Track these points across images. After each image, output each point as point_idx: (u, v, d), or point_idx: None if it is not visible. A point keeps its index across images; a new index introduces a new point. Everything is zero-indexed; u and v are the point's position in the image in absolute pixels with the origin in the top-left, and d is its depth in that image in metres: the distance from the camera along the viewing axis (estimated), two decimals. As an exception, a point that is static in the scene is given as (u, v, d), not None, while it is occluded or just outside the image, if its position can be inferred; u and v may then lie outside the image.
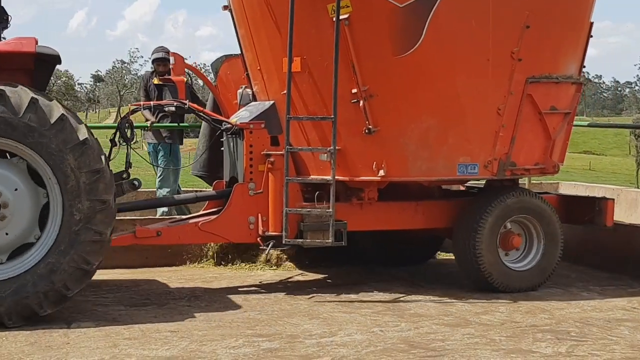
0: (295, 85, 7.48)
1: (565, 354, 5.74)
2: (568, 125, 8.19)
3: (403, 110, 7.35)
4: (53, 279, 6.41)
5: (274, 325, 6.59)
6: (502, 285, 7.64)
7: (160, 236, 7.59)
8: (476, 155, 7.52)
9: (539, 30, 7.47)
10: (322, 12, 7.22)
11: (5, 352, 5.73)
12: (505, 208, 7.67)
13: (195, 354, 5.72)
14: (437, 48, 7.27)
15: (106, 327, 6.46)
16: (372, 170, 7.43)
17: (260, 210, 7.58)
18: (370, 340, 6.09)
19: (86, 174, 6.48)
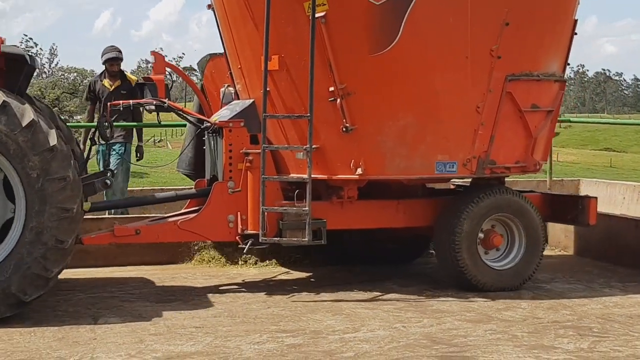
0: (273, 83, 7.50)
1: (587, 350, 5.73)
2: (551, 123, 8.12)
3: (380, 108, 7.33)
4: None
5: (297, 321, 6.62)
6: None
7: (139, 234, 7.60)
8: (455, 153, 7.47)
9: (519, 27, 7.42)
10: (298, 10, 7.21)
11: (33, 347, 5.81)
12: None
13: (220, 349, 5.76)
14: (414, 46, 7.24)
15: (132, 322, 6.53)
16: (350, 169, 7.41)
17: (239, 208, 7.58)
18: (393, 336, 6.11)
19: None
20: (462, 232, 7.53)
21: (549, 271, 8.59)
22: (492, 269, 7.69)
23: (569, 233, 9.68)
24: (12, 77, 6.86)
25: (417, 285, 7.91)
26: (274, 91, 7.53)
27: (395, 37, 7.16)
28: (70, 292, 7.64)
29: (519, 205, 7.76)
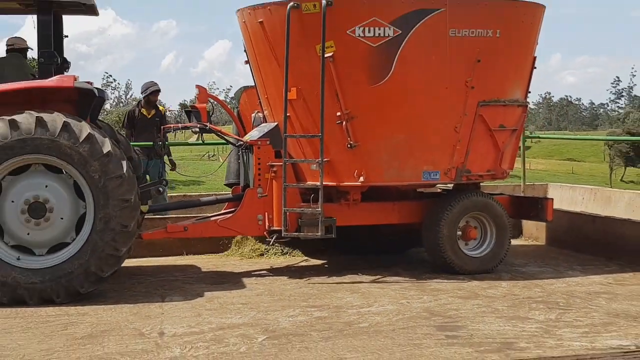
0: (292, 109, 7.51)
1: (555, 320, 5.75)
2: (516, 140, 8.09)
3: (378, 128, 7.33)
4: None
5: (322, 298, 6.62)
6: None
7: (187, 231, 7.63)
8: (438, 164, 7.47)
9: (488, 63, 7.42)
10: (312, 52, 7.23)
11: (114, 320, 5.90)
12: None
13: (262, 321, 5.81)
14: (404, 79, 7.26)
15: (192, 300, 6.58)
16: (354, 177, 7.42)
17: (267, 209, 7.58)
18: (399, 310, 6.12)
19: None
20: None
21: (523, 257, 8.58)
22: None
23: (540, 227, 9.63)
24: (83, 106, 6.89)
25: (418, 269, 7.89)
26: (293, 116, 7.54)
27: (389, 72, 7.18)
28: (143, 276, 7.69)
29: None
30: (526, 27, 7.76)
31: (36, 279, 6.39)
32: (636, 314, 5.90)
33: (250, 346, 5.13)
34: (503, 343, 5.12)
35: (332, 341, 5.22)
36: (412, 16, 7.13)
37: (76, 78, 6.80)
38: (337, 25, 7.11)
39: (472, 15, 7.34)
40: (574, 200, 10.54)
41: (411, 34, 7.13)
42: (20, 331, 5.59)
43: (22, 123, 6.39)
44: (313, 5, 7.12)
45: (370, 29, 7.11)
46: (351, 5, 7.17)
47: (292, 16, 7.17)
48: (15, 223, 6.50)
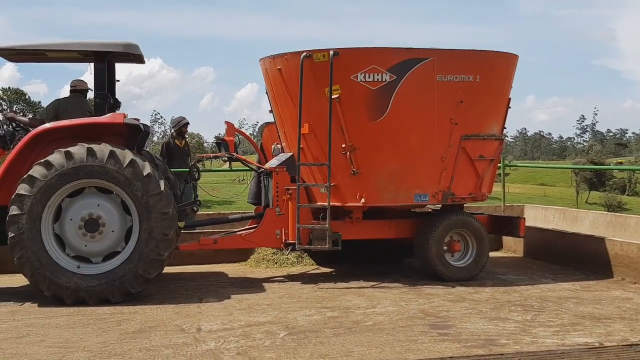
0: (305, 142, 7.44)
1: (531, 320, 5.71)
2: (493, 168, 7.96)
3: (376, 158, 7.25)
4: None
5: (334, 300, 6.58)
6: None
7: (217, 243, 7.57)
8: (427, 188, 7.37)
9: (469, 104, 7.32)
10: (321, 93, 7.18)
11: (159, 317, 5.91)
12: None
13: (283, 319, 5.80)
14: (398, 117, 7.17)
15: (224, 301, 6.56)
16: (356, 199, 7.33)
17: (283, 225, 7.50)
18: (399, 311, 6.09)
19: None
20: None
21: (503, 267, 8.46)
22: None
23: (518, 241, 9.50)
24: (131, 139, 6.94)
25: (415, 276, 7.79)
26: (306, 147, 7.48)
27: (386, 110, 7.12)
28: (184, 281, 7.65)
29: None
30: (502, 73, 7.68)
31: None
32: (600, 316, 5.84)
33: (273, 340, 5.13)
34: (487, 340, 5.10)
35: (342, 337, 5.21)
36: (405, 64, 7.07)
37: (126, 115, 6.83)
38: (342, 72, 7.07)
39: (456, 64, 7.26)
40: (546, 219, 10.44)
41: (404, 79, 7.08)
42: (81, 326, 5.63)
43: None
44: (322, 55, 7.09)
45: (370, 74, 7.06)
46: (354, 54, 7.12)
47: (305, 64, 7.13)
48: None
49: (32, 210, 6.35)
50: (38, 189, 6.36)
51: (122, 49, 6.95)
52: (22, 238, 6.34)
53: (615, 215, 9.60)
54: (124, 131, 6.88)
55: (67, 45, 6.93)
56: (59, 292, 6.36)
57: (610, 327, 5.43)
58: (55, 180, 6.39)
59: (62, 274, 6.38)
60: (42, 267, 6.36)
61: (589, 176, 72.05)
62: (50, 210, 6.48)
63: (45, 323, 5.74)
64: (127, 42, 6.99)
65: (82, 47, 6.94)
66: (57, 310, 6.15)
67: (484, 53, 7.50)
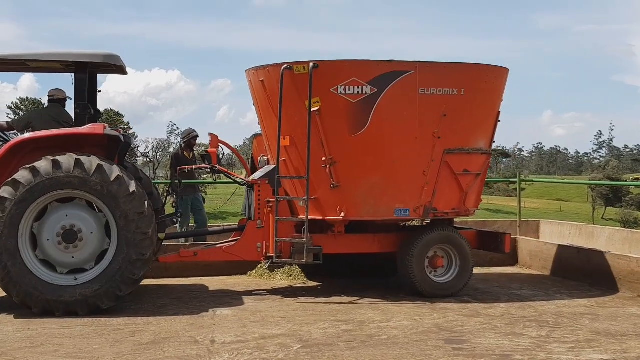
0: (287, 154, 7.35)
1: (546, 336, 5.66)
2: (480, 182, 7.75)
3: (356, 172, 7.12)
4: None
5: (348, 313, 6.52)
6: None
7: (197, 256, 7.46)
8: (408, 202, 7.21)
9: (453, 118, 7.17)
10: (302, 106, 7.08)
11: (173, 329, 5.88)
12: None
13: (297, 332, 5.77)
14: (379, 130, 7.05)
15: (238, 313, 6.54)
16: (337, 213, 7.20)
17: (265, 238, 7.39)
18: (413, 325, 6.05)
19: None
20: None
21: (518, 283, 8.39)
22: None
23: (533, 256, 9.44)
24: (112, 149, 6.89)
25: None
26: (288, 160, 7.37)
27: (366, 123, 7.00)
28: (197, 292, 7.65)
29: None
30: (490, 87, 7.49)
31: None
32: (615, 333, 5.78)
33: (287, 353, 5.09)
34: (501, 355, 5.05)
35: (356, 351, 5.17)
36: (386, 77, 6.95)
37: (106, 126, 6.78)
38: (323, 84, 6.96)
39: (440, 77, 7.11)
40: (562, 234, 10.36)
41: (386, 92, 6.95)
42: (95, 337, 5.62)
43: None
44: (302, 68, 6.99)
45: (350, 87, 6.95)
46: (334, 67, 7.01)
47: (285, 76, 7.04)
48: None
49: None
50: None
51: (102, 59, 6.91)
52: None
53: (632, 232, 9.52)
54: (103, 142, 6.83)
55: (48, 55, 6.91)
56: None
57: (625, 344, 5.38)
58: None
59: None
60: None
61: (605, 192, 71.25)
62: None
63: (59, 333, 5.74)
64: (108, 53, 6.96)
65: (62, 57, 6.91)
66: (71, 321, 6.16)
67: (470, 66, 7.34)
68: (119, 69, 7.26)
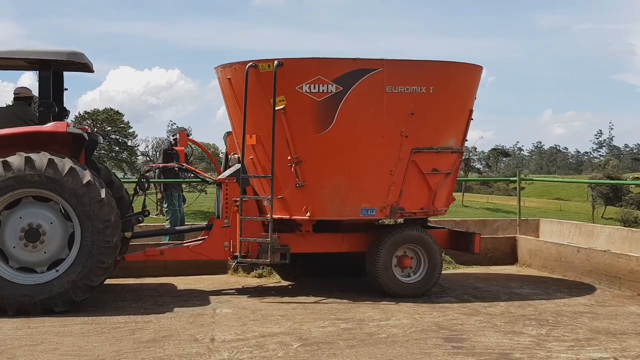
0: (255, 153, 7.27)
1: (545, 335, 5.68)
2: (450, 182, 7.65)
3: (321, 171, 7.03)
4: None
5: (348, 312, 6.52)
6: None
7: (163, 255, 7.37)
8: (374, 202, 7.11)
9: (422, 116, 7.06)
10: (267, 104, 6.97)
11: (173, 327, 5.89)
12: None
13: (297, 330, 5.78)
14: (345, 129, 6.95)
15: (238, 311, 6.53)
16: (302, 212, 7.12)
17: (232, 237, 7.29)
18: (413, 323, 6.06)
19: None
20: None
21: (518, 281, 8.40)
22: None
23: (533, 255, 9.47)
24: (77, 148, 6.85)
25: None
26: (255, 158, 7.28)
27: (332, 122, 6.90)
28: (198, 291, 7.61)
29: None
30: (461, 85, 7.35)
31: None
32: (615, 331, 5.80)
33: (286, 352, 5.11)
34: (501, 353, 5.07)
35: (355, 349, 5.18)
36: (352, 75, 6.84)
37: (69, 124, 6.71)
38: (288, 82, 6.86)
39: (407, 75, 7.00)
40: (562, 233, 10.36)
41: (351, 90, 6.84)
42: (95, 335, 5.61)
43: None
44: (267, 66, 6.89)
45: (315, 85, 6.85)
46: (299, 65, 6.90)
47: (250, 74, 6.94)
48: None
49: None
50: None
51: (66, 57, 6.85)
52: None
53: (631, 231, 9.51)
54: (68, 140, 6.77)
55: (11, 53, 6.84)
56: None
57: (625, 343, 5.40)
58: None
59: None
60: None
61: (605, 191, 71.27)
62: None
63: (59, 331, 5.73)
64: (72, 51, 6.89)
65: (26, 55, 6.85)
66: (71, 319, 6.15)
67: (439, 64, 7.21)
68: (85, 66, 7.18)
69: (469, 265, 9.47)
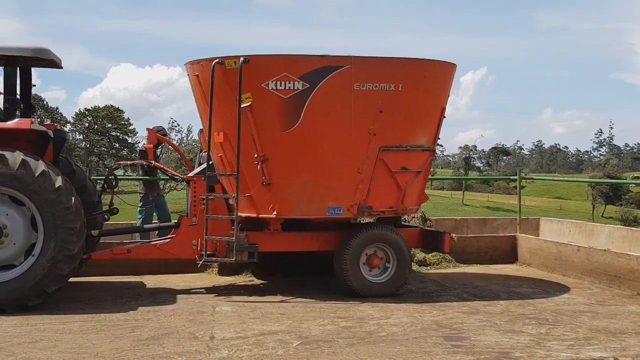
0: (223, 150, 7.20)
1: (545, 334, 5.67)
2: (421, 180, 7.57)
3: (288, 169, 6.96)
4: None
5: (348, 310, 6.51)
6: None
7: (130, 252, 7.31)
8: (341, 201, 7.04)
9: (390, 114, 6.98)
10: (234, 102, 6.88)
11: (173, 325, 5.90)
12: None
13: (296, 329, 5.78)
14: (311, 126, 6.88)
15: (238, 310, 6.53)
16: (269, 211, 7.05)
17: (199, 236, 7.20)
18: (412, 322, 6.05)
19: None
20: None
21: (518, 280, 8.40)
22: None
23: (533, 254, 9.47)
24: (41, 146, 6.81)
25: (429, 288, 7.73)
26: (223, 156, 7.22)
27: (298, 120, 6.83)
28: (197, 289, 7.61)
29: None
30: (432, 82, 7.25)
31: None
32: (615, 330, 5.79)
33: (286, 350, 5.10)
34: (500, 352, 5.05)
35: (355, 347, 5.17)
36: (319, 72, 6.76)
37: (33, 121, 6.66)
38: (254, 79, 6.79)
39: (376, 72, 6.91)
40: (562, 232, 10.37)
41: (318, 87, 6.77)
42: (95, 332, 5.61)
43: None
44: (234, 62, 6.82)
45: (282, 82, 6.77)
46: (265, 62, 6.83)
47: (217, 71, 6.86)
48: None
49: None
50: None
51: (31, 53, 6.80)
52: None
53: (631, 230, 9.53)
54: (33, 137, 6.73)
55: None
56: None
57: (625, 342, 5.39)
58: None
59: None
60: None
61: (605, 190, 71.24)
62: None
63: (58, 328, 5.74)
64: (37, 47, 6.84)
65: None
66: (70, 316, 6.16)
67: (408, 61, 7.11)
68: (52, 62, 7.13)
69: (469, 263, 9.48)
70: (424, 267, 9.10)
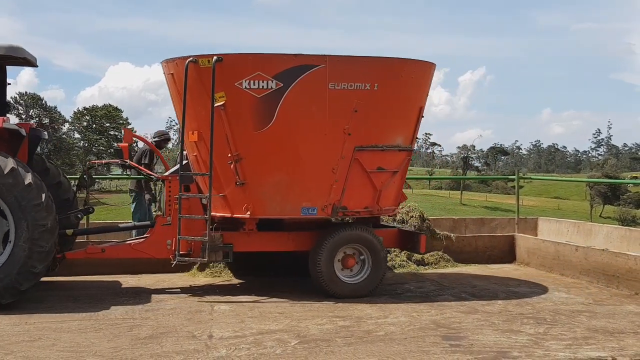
0: (197, 149, 7.16)
1: (543, 333, 5.66)
2: (398, 180, 7.50)
3: (261, 169, 6.91)
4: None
5: (346, 310, 6.51)
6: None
7: (105, 252, 7.25)
8: (315, 201, 6.98)
9: (365, 113, 6.93)
10: (208, 101, 6.82)
11: (171, 324, 5.90)
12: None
13: (295, 327, 5.79)
14: (285, 126, 6.82)
15: (236, 309, 6.53)
16: (243, 210, 7.00)
17: (174, 235, 7.14)
18: (410, 321, 6.05)
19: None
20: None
21: (516, 280, 8.41)
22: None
23: (531, 254, 9.47)
24: (14, 144, 6.77)
25: (427, 287, 7.73)
26: (198, 155, 7.18)
27: (272, 119, 6.78)
28: (196, 288, 7.63)
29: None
30: (407, 82, 7.17)
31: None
32: (613, 330, 5.79)
33: (284, 349, 5.11)
34: (498, 352, 5.05)
35: (353, 346, 5.17)
36: (293, 71, 6.71)
37: (5, 120, 6.62)
38: (227, 78, 6.73)
39: (351, 71, 6.85)
40: (560, 232, 10.36)
41: (292, 86, 6.71)
42: (93, 331, 5.62)
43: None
44: (207, 61, 6.76)
45: (255, 81, 6.72)
46: (238, 60, 6.77)
47: (190, 69, 6.81)
48: None
49: None
50: None
51: (4, 52, 6.75)
52: None
53: (630, 230, 9.52)
54: (5, 136, 6.69)
55: None
56: None
57: (623, 342, 5.39)
58: None
59: None
60: None
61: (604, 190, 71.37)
62: None
63: (57, 327, 5.74)
64: (9, 45, 6.79)
65: None
66: (69, 315, 6.17)
67: (384, 60, 7.03)
68: (26, 61, 7.09)
69: (467, 263, 9.49)
70: (422, 267, 9.08)
